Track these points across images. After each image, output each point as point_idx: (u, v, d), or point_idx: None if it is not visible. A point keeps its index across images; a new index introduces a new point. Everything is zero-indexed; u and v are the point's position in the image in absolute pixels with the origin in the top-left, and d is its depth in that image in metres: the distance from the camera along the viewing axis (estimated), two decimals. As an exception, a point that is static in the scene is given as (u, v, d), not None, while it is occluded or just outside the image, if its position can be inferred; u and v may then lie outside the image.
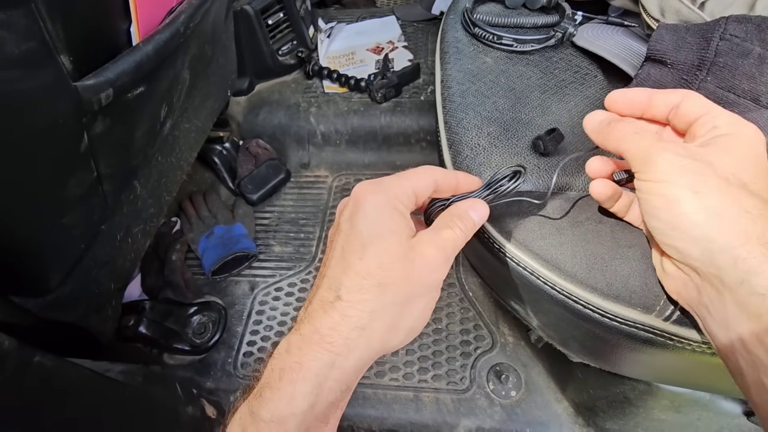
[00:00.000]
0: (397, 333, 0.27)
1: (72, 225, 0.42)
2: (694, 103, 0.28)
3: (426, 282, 0.27)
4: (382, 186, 0.28)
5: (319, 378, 0.25)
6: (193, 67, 0.58)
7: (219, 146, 0.99)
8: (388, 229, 0.27)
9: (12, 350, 0.32)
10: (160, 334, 0.75)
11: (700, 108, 0.28)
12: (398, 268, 0.26)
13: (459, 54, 0.55)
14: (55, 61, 0.32)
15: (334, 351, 0.25)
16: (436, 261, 0.27)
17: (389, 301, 0.26)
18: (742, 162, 0.25)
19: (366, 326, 0.25)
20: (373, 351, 0.26)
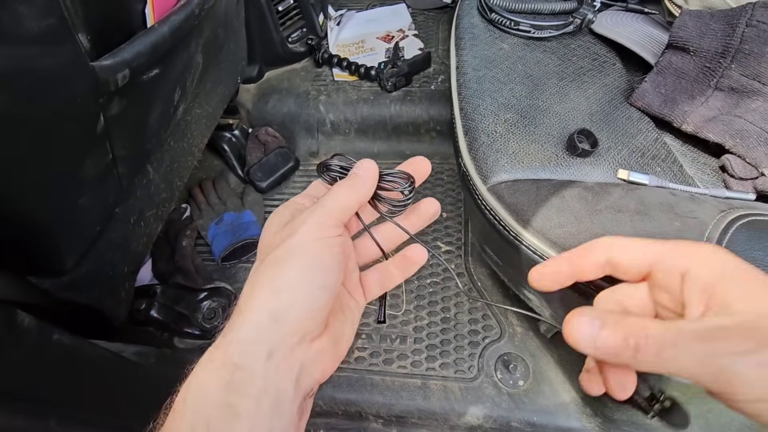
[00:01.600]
0: (282, 295, 0.23)
1: (88, 207, 0.43)
2: (631, 258, 0.24)
3: (300, 235, 0.24)
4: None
5: (202, 363, 0.23)
6: (207, 51, 0.57)
7: (228, 134, 0.99)
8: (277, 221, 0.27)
9: (32, 327, 0.32)
10: (171, 318, 0.76)
11: (644, 258, 0.23)
12: (274, 239, 0.25)
13: (475, 40, 0.54)
14: (74, 40, 0.32)
15: (216, 340, 0.23)
16: (310, 214, 0.25)
17: (262, 269, 0.24)
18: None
19: (240, 302, 0.24)
20: (254, 319, 0.23)
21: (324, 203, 0.25)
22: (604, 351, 0.21)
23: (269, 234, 0.26)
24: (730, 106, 0.42)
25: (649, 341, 0.20)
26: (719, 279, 0.21)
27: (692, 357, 0.19)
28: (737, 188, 0.41)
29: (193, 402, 0.22)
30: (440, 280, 0.81)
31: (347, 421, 0.70)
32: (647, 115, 0.46)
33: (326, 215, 0.25)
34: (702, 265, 0.22)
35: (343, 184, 0.27)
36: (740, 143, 0.40)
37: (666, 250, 0.23)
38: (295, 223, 0.25)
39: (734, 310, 0.20)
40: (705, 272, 0.22)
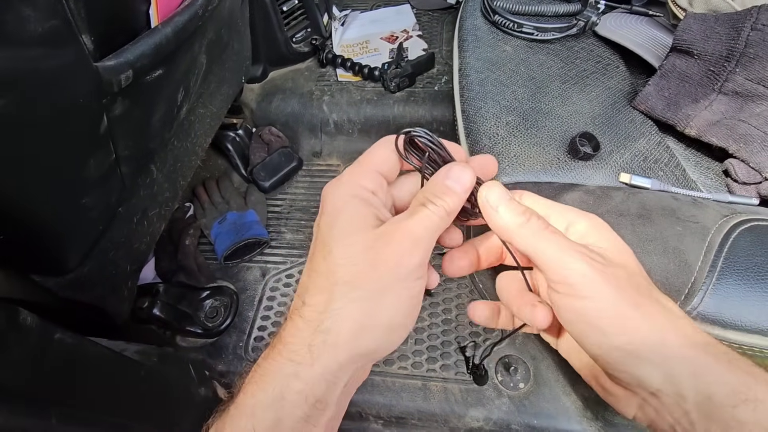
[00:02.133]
0: (371, 333, 0.23)
1: (91, 206, 0.43)
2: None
3: (395, 272, 0.23)
4: (342, 179, 0.26)
5: (281, 390, 0.22)
6: (210, 52, 0.58)
7: (232, 133, 0.99)
8: (349, 221, 0.24)
9: (34, 326, 0.33)
10: (174, 316, 0.76)
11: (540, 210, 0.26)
12: (361, 262, 0.23)
13: (478, 42, 0.54)
14: (77, 41, 0.32)
15: (296, 360, 0.23)
16: (404, 247, 0.23)
17: (353, 298, 0.23)
18: (634, 259, 0.24)
19: (329, 329, 0.23)
20: (343, 357, 0.23)
21: (421, 235, 0.24)
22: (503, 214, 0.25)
23: (345, 231, 0.24)
24: (734, 110, 0.41)
25: (536, 222, 0.25)
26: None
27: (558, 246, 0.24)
28: (740, 193, 0.40)
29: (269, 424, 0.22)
30: (441, 281, 0.81)
31: (347, 421, 0.70)
32: (650, 119, 0.46)
33: (425, 250, 0.24)
34: (586, 221, 0.26)
35: (437, 210, 0.24)
36: (744, 148, 0.40)
37: (555, 208, 0.26)
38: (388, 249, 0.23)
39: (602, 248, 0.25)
40: (588, 226, 0.25)
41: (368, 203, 0.25)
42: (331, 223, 0.24)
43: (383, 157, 0.26)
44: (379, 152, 0.26)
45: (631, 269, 0.24)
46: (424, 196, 0.25)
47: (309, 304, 0.23)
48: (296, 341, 0.23)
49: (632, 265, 0.24)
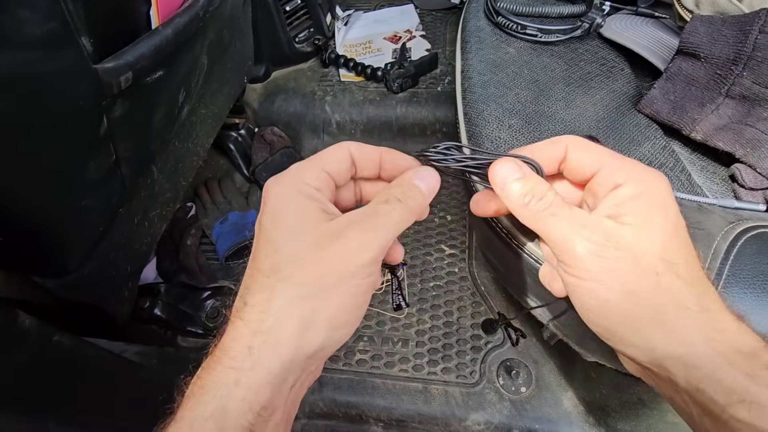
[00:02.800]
0: (315, 332, 0.22)
1: (91, 208, 0.43)
2: (582, 157, 0.25)
3: (342, 268, 0.22)
4: (286, 174, 0.25)
5: (221, 400, 0.21)
6: (211, 52, 0.57)
7: (234, 133, 0.99)
8: (295, 217, 0.23)
9: (33, 329, 0.33)
10: (175, 316, 0.77)
11: (593, 162, 0.25)
12: (307, 258, 0.22)
13: (481, 43, 0.54)
14: (76, 43, 0.32)
15: (235, 366, 0.21)
16: (355, 243, 0.22)
17: (297, 295, 0.22)
18: (665, 239, 0.23)
19: (270, 329, 0.21)
20: (286, 358, 0.22)
21: (378, 232, 0.23)
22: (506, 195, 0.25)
23: (291, 227, 0.23)
24: (741, 115, 0.41)
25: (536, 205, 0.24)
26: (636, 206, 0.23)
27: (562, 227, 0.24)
28: (747, 199, 0.40)
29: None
30: (443, 283, 0.81)
31: (348, 423, 0.70)
32: (655, 123, 0.45)
33: (380, 248, 0.23)
34: (633, 186, 0.23)
35: (400, 207, 0.23)
36: (751, 153, 0.39)
37: (612, 162, 0.24)
38: (336, 245, 0.22)
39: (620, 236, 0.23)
40: (632, 193, 0.23)
41: (313, 198, 0.24)
42: (275, 219, 0.23)
43: (335, 159, 0.25)
44: (330, 153, 0.25)
45: (644, 251, 0.22)
46: (388, 193, 0.24)
47: (250, 304, 0.22)
48: (235, 345, 0.22)
49: (650, 246, 0.22)
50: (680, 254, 0.23)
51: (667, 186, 0.24)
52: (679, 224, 0.23)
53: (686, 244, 0.23)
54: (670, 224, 0.23)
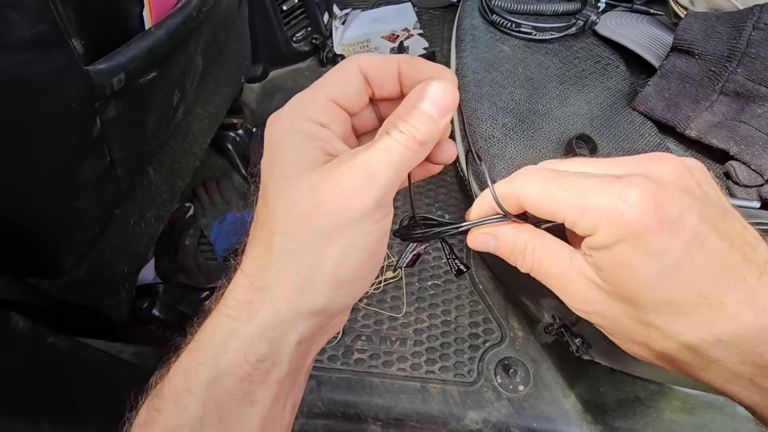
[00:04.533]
0: (315, 290, 0.20)
1: (86, 209, 0.43)
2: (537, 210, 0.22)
3: (342, 215, 0.19)
4: (285, 109, 0.21)
5: (215, 348, 0.20)
6: (207, 53, 0.57)
7: (232, 133, 0.99)
8: (289, 160, 0.20)
9: (27, 330, 0.33)
10: (173, 317, 0.77)
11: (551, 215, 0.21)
12: (301, 206, 0.20)
13: (475, 42, 0.54)
14: (67, 45, 0.32)
15: (232, 315, 0.20)
16: (353, 185, 0.19)
17: (292, 250, 0.20)
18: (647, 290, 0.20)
19: (266, 285, 0.20)
20: (285, 314, 0.20)
21: (378, 172, 0.19)
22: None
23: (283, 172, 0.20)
24: (736, 112, 0.41)
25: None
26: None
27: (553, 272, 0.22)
28: (742, 196, 0.40)
29: (203, 385, 0.20)
30: (441, 282, 0.80)
31: (346, 422, 0.70)
32: (650, 120, 0.45)
33: (382, 189, 0.19)
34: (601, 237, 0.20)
35: (403, 138, 0.20)
36: (745, 150, 0.39)
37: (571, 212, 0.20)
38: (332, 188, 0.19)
39: None
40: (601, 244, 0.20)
41: (313, 137, 0.20)
42: (270, 165, 0.21)
43: (341, 82, 0.21)
44: (336, 75, 0.21)
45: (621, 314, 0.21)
46: (390, 122, 0.20)
47: (249, 257, 0.21)
48: (234, 296, 0.21)
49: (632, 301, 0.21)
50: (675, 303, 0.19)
51: (646, 216, 0.19)
52: (669, 264, 0.19)
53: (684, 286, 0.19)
54: (650, 271, 0.19)
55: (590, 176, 0.20)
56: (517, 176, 0.22)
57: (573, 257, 0.22)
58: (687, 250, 0.18)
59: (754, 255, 0.19)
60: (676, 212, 0.18)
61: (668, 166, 0.20)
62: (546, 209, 0.21)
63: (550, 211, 0.21)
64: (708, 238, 0.19)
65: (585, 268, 0.21)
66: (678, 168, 0.20)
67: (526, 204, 0.22)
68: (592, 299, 0.21)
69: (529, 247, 0.23)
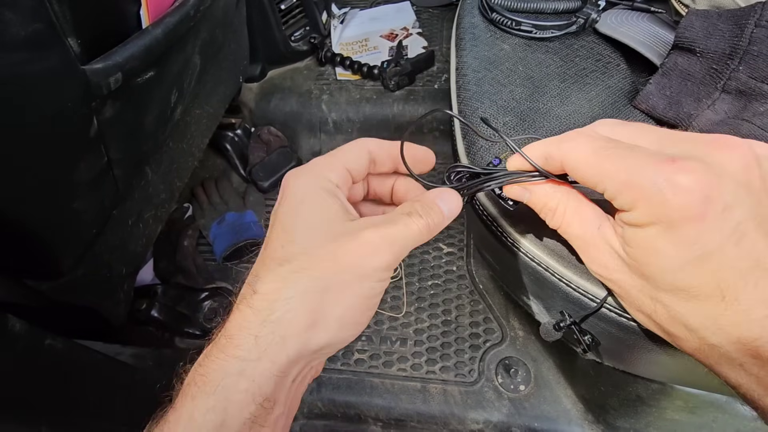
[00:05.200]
0: (324, 328, 0.22)
1: (83, 210, 0.43)
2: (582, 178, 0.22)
3: (357, 268, 0.22)
4: (307, 167, 0.25)
5: (225, 390, 0.20)
6: (204, 52, 0.57)
7: (231, 133, 0.98)
8: (316, 211, 0.23)
9: (23, 333, 0.32)
10: (172, 318, 0.76)
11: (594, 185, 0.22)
12: (323, 252, 0.22)
13: (475, 40, 0.53)
14: (62, 44, 0.31)
15: (240, 355, 0.21)
16: (374, 246, 0.22)
17: (306, 289, 0.21)
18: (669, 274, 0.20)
19: (279, 320, 0.21)
20: (292, 351, 0.21)
21: (396, 240, 0.23)
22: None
23: (310, 221, 0.23)
24: (738, 110, 0.40)
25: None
26: None
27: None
28: (744, 194, 0.39)
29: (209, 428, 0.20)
30: (441, 282, 0.80)
31: (346, 423, 0.69)
32: (651, 118, 0.45)
33: (395, 255, 0.23)
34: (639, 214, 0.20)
35: (421, 222, 0.23)
36: (748, 148, 0.39)
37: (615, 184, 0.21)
38: (354, 244, 0.22)
39: None
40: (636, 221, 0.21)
41: (334, 195, 0.24)
42: (294, 211, 0.23)
43: (355, 155, 0.25)
44: (351, 149, 0.25)
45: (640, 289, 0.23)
46: (411, 207, 0.24)
47: (260, 292, 0.22)
48: (242, 333, 0.21)
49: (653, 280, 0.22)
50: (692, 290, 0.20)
51: (688, 204, 0.18)
52: (698, 255, 0.19)
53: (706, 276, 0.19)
54: (676, 258, 0.19)
55: (642, 152, 0.20)
56: (566, 139, 0.23)
57: (602, 225, 0.23)
58: (721, 244, 0.18)
59: None
60: (723, 205, 0.18)
61: (734, 154, 0.19)
62: (590, 179, 0.22)
63: (593, 181, 0.22)
64: (747, 234, 0.18)
65: (611, 238, 0.22)
66: (744, 157, 0.19)
67: (570, 170, 0.23)
68: (612, 267, 0.22)
69: (560, 208, 0.24)
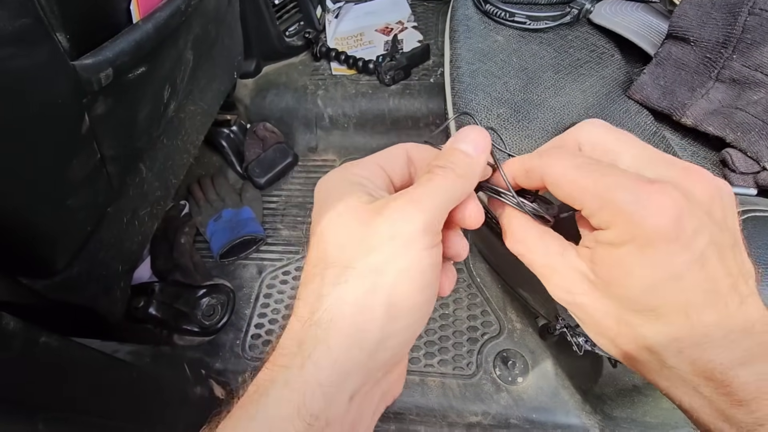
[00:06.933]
0: (370, 317, 0.19)
1: (77, 207, 0.42)
2: (561, 193, 0.21)
3: (390, 242, 0.20)
4: (341, 168, 0.23)
5: (268, 402, 0.19)
6: (197, 48, 0.57)
7: (226, 129, 0.98)
8: (339, 202, 0.21)
9: (18, 330, 0.32)
10: (170, 315, 0.76)
11: (573, 200, 0.21)
12: (353, 239, 0.20)
13: (469, 32, 0.53)
14: (51, 39, 0.31)
15: (285, 363, 0.19)
16: (401, 213, 0.20)
17: (345, 280, 0.20)
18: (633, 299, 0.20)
19: (320, 320, 0.19)
20: (339, 353, 0.19)
21: (424, 199, 0.20)
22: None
23: (335, 212, 0.21)
24: (732, 98, 0.40)
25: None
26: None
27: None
28: (738, 183, 0.39)
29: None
30: (439, 276, 0.80)
31: (345, 417, 0.70)
32: (646, 109, 0.45)
33: (429, 214, 0.20)
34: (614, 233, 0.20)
35: (443, 174, 0.21)
36: (741, 137, 0.39)
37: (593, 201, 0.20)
38: (380, 218, 0.20)
39: None
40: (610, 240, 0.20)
41: (357, 183, 0.22)
42: (322, 210, 0.22)
43: (388, 155, 0.24)
44: (386, 150, 0.24)
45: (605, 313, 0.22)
46: (431, 165, 0.22)
47: (302, 297, 0.21)
48: (287, 342, 0.20)
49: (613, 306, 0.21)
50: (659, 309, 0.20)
51: (665, 224, 0.19)
52: (670, 274, 0.19)
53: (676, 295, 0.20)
54: (647, 277, 0.19)
55: (622, 172, 0.20)
56: (546, 153, 0.22)
57: (565, 252, 0.22)
58: (689, 267, 0.19)
59: (742, 286, 0.20)
60: (692, 230, 0.19)
61: (701, 184, 0.20)
62: (568, 194, 0.21)
63: (572, 197, 0.21)
64: (710, 260, 0.19)
65: (577, 262, 0.22)
66: (710, 188, 0.20)
67: (550, 183, 0.22)
68: (577, 291, 0.22)
69: (523, 234, 0.23)
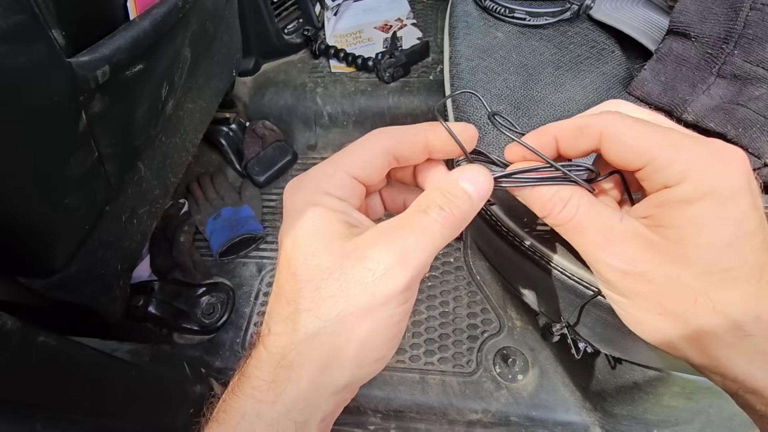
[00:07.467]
0: (339, 369, 0.20)
1: (75, 206, 0.42)
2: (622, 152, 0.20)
3: (368, 299, 0.19)
4: (303, 180, 0.22)
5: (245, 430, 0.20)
6: (195, 45, 0.56)
7: (225, 128, 0.98)
8: (312, 235, 0.20)
9: (15, 330, 0.32)
10: (170, 314, 0.76)
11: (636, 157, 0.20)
12: (328, 285, 0.19)
13: (469, 29, 0.53)
14: (47, 36, 0.31)
15: (257, 396, 0.20)
16: (383, 266, 0.19)
17: (316, 331, 0.19)
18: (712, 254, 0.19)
19: (292, 364, 0.20)
20: (308, 396, 0.20)
21: (412, 252, 0.19)
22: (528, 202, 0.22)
23: (308, 248, 0.20)
24: (733, 94, 0.40)
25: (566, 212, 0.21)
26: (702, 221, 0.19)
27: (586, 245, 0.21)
28: (739, 180, 0.39)
29: None
30: (439, 273, 0.80)
31: (345, 415, 0.70)
32: (647, 105, 0.44)
33: (414, 271, 0.19)
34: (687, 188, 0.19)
35: (444, 216, 0.19)
36: (743, 133, 0.39)
37: (664, 155, 0.19)
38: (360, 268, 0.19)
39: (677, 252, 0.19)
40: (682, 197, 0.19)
41: (334, 209, 0.21)
42: (293, 237, 0.20)
43: (361, 158, 0.21)
44: (358, 151, 0.21)
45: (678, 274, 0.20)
46: (428, 199, 0.20)
47: (273, 332, 0.21)
48: (258, 374, 0.20)
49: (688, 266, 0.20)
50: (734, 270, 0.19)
51: (740, 178, 0.18)
52: (747, 231, 0.18)
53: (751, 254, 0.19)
54: (727, 233, 0.18)
55: (683, 129, 0.20)
56: (604, 112, 0.21)
57: (623, 217, 0.21)
58: (762, 223, 0.19)
59: None
60: (756, 189, 0.19)
61: (740, 152, 0.20)
62: (636, 148, 0.19)
63: (639, 151, 0.19)
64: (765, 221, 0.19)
65: (638, 226, 0.20)
66: (746, 158, 0.20)
67: (614, 139, 0.20)
68: (640, 259, 0.20)
69: (573, 199, 0.21)
